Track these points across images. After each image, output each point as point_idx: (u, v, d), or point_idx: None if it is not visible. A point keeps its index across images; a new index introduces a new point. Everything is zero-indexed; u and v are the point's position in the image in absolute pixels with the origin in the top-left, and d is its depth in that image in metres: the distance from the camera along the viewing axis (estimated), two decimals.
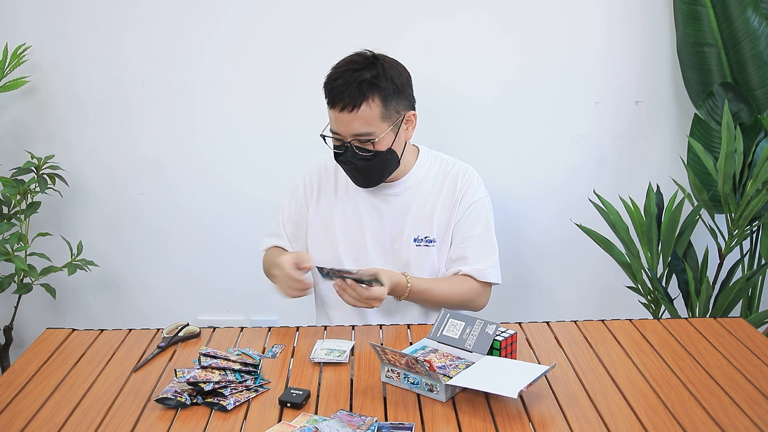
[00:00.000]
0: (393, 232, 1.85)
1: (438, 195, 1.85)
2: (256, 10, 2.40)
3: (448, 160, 1.90)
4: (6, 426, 1.31)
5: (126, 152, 2.53)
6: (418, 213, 1.84)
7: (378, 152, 1.73)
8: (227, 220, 2.57)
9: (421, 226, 1.84)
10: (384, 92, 1.71)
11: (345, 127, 1.71)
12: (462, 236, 1.84)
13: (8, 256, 2.34)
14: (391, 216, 1.85)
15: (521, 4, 2.37)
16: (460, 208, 1.84)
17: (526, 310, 2.63)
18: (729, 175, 2.13)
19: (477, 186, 1.86)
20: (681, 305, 2.39)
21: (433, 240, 1.84)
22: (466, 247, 1.83)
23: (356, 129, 1.70)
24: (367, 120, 1.70)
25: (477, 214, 1.84)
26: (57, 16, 2.42)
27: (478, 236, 1.84)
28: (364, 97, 1.68)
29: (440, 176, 1.87)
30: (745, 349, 1.56)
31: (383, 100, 1.70)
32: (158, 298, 2.66)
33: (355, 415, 1.30)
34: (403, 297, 1.75)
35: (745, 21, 2.18)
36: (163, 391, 1.37)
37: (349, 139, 1.72)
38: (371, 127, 1.71)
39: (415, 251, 1.83)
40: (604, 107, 2.46)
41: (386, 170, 1.79)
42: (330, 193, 1.90)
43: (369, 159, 1.74)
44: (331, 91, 1.71)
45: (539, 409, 1.32)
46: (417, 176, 1.86)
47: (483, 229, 1.85)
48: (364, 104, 1.68)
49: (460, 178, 1.85)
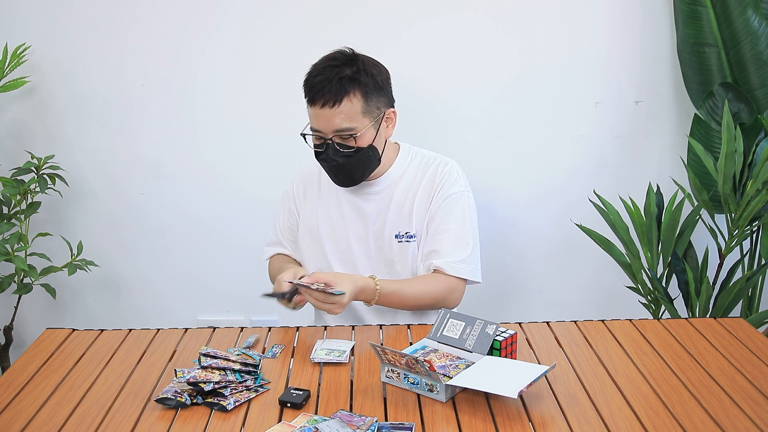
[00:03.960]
0: (375, 230, 1.85)
1: (417, 190, 1.84)
2: (256, 11, 2.40)
3: (429, 156, 1.89)
4: (6, 426, 1.31)
5: (126, 152, 2.53)
6: (398, 209, 1.84)
7: (359, 148, 1.73)
8: (227, 220, 2.57)
9: (402, 222, 1.83)
10: (365, 88, 1.71)
11: (326, 123, 1.71)
12: (435, 228, 1.81)
13: (8, 256, 2.34)
14: (372, 214, 1.85)
15: (521, 4, 2.37)
16: (435, 201, 1.82)
17: (526, 310, 2.63)
18: (729, 175, 2.13)
19: (455, 180, 1.84)
20: (681, 305, 2.39)
21: (413, 235, 1.83)
22: (439, 240, 1.80)
23: (338, 124, 1.70)
24: (349, 115, 1.70)
25: (452, 208, 1.82)
26: (57, 16, 2.42)
27: (452, 230, 1.81)
28: (345, 92, 1.69)
29: (420, 171, 1.86)
30: (745, 349, 1.56)
31: (364, 96, 1.71)
32: (158, 298, 2.66)
33: (355, 415, 1.30)
34: (373, 301, 1.70)
35: (745, 21, 2.18)
36: (163, 391, 1.37)
37: (330, 136, 1.72)
38: (353, 122, 1.71)
39: (397, 247, 1.83)
40: (604, 107, 2.46)
41: (367, 167, 1.78)
42: (314, 196, 1.91)
43: (350, 156, 1.73)
44: (311, 88, 1.71)
45: (539, 409, 1.32)
46: (396, 173, 1.86)
47: (458, 223, 1.81)
48: (345, 99, 1.69)
49: (438, 172, 1.84)
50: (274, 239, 1.98)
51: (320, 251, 1.88)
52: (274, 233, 1.98)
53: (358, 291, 1.65)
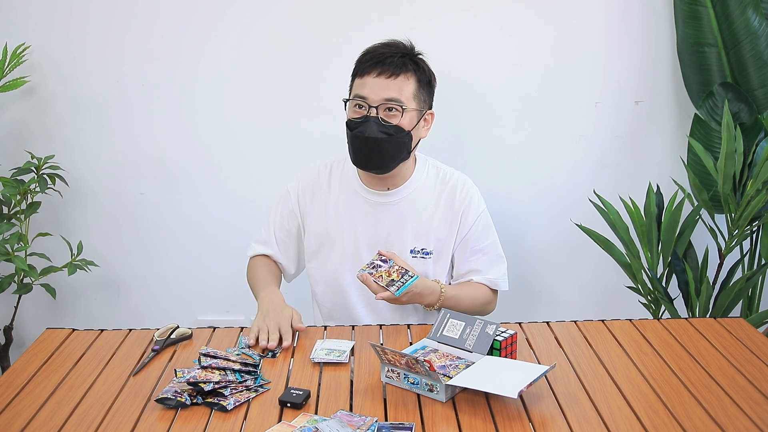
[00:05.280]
0: (388, 242, 1.83)
1: (436, 207, 1.83)
2: (256, 11, 2.40)
3: (444, 170, 1.89)
4: (6, 426, 1.31)
5: (126, 152, 2.53)
6: (415, 224, 1.83)
7: (399, 128, 1.72)
8: (227, 220, 2.57)
9: (419, 237, 1.83)
10: (421, 76, 1.76)
11: (378, 90, 1.71)
12: (471, 250, 1.84)
13: (8, 256, 2.34)
14: (387, 226, 1.83)
15: (521, 4, 2.37)
16: (465, 223, 1.83)
17: (526, 310, 2.63)
18: (729, 175, 2.13)
19: (478, 198, 1.87)
20: (681, 305, 2.39)
21: (430, 252, 1.83)
22: (477, 260, 1.85)
23: (389, 94, 1.70)
24: (401, 90, 1.72)
25: (483, 228, 1.85)
26: (57, 16, 2.42)
27: (487, 248, 1.86)
28: (405, 69, 1.73)
29: (438, 187, 1.85)
30: (745, 349, 1.56)
31: (418, 83, 1.75)
32: (158, 298, 2.66)
33: (355, 415, 1.30)
34: (437, 305, 1.76)
35: (745, 21, 2.18)
36: (163, 391, 1.37)
37: (377, 104, 1.71)
38: (403, 97, 1.72)
39: (411, 262, 1.82)
40: (604, 107, 2.46)
41: (398, 154, 1.76)
42: (324, 202, 1.87)
43: (389, 133, 1.71)
44: (373, 57, 1.73)
45: (539, 409, 1.32)
46: (415, 185, 1.84)
47: (490, 240, 1.87)
48: (403, 75, 1.72)
49: (459, 190, 1.84)
50: (265, 238, 1.93)
51: (327, 255, 1.86)
52: (267, 232, 1.93)
53: (427, 292, 1.71)
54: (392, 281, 1.64)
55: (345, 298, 1.87)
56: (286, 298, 1.74)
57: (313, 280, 1.92)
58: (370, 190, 1.84)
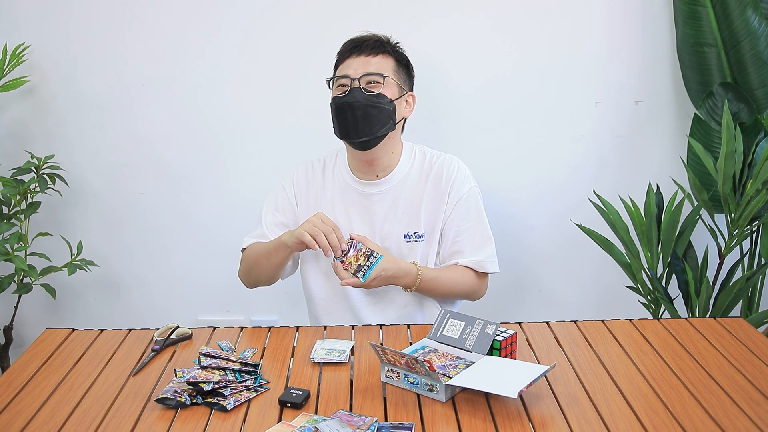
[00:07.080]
0: (383, 230, 1.85)
1: (423, 189, 1.85)
2: (256, 11, 2.40)
3: (431, 153, 1.90)
4: (6, 426, 1.31)
5: (126, 152, 2.53)
6: (405, 209, 1.85)
7: (382, 95, 1.77)
8: (227, 220, 2.57)
9: (410, 222, 1.84)
10: (398, 57, 1.85)
11: (357, 67, 1.79)
12: (456, 230, 1.84)
13: (8, 256, 2.34)
14: (380, 215, 1.85)
15: (521, 4, 2.37)
16: (449, 203, 1.84)
17: (526, 310, 2.63)
18: (729, 175, 2.13)
19: (464, 177, 1.86)
20: (681, 305, 2.39)
21: (421, 235, 1.84)
22: (461, 241, 1.84)
23: (369, 68, 1.78)
24: (380, 65, 1.79)
25: (467, 207, 1.85)
26: (57, 16, 2.42)
27: (471, 228, 1.85)
28: (382, 49, 1.82)
29: (425, 169, 1.87)
30: (745, 349, 1.56)
31: (396, 63, 1.84)
32: (158, 298, 2.66)
33: (355, 415, 1.30)
34: (414, 287, 1.76)
35: (745, 21, 2.18)
36: (163, 391, 1.37)
37: (358, 77, 1.77)
38: (383, 71, 1.79)
39: (406, 247, 1.84)
40: (604, 107, 2.46)
41: (383, 121, 1.77)
42: (319, 196, 1.89)
43: (372, 101, 1.76)
44: (352, 42, 1.82)
45: (539, 409, 1.32)
46: (402, 171, 1.86)
47: (475, 220, 1.86)
48: (381, 55, 1.81)
49: (445, 170, 1.85)
50: (259, 232, 1.91)
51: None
52: (260, 228, 1.91)
53: (401, 274, 1.73)
54: (359, 266, 1.67)
55: (342, 289, 1.86)
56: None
57: (308, 276, 1.92)
58: (361, 181, 1.86)
